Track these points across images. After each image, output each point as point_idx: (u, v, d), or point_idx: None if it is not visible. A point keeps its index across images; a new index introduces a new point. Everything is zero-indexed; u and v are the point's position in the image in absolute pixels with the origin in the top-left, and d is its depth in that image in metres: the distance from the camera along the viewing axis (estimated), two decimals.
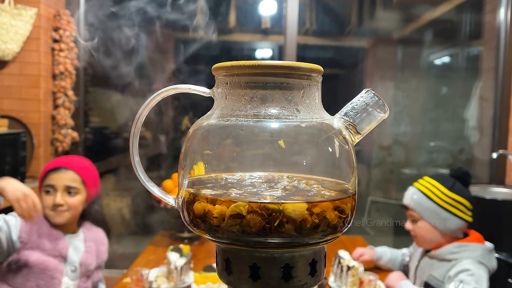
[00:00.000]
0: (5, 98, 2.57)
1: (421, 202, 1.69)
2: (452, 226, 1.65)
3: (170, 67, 3.14)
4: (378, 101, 0.52)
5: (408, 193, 1.76)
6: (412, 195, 1.73)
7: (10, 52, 2.45)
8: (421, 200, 1.69)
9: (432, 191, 1.68)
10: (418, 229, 1.71)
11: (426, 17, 3.64)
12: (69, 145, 2.75)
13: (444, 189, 1.67)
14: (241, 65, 0.49)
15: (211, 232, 0.47)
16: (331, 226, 0.47)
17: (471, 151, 3.40)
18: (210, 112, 0.54)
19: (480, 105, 3.24)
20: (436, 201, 1.66)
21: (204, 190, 0.50)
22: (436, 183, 1.69)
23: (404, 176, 3.63)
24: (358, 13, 3.72)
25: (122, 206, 3.44)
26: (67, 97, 2.72)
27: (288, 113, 0.50)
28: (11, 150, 2.34)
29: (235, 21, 3.28)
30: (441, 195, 1.66)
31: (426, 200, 1.68)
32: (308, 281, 0.48)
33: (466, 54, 3.68)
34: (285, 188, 0.50)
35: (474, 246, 1.62)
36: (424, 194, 1.69)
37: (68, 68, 2.70)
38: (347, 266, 1.73)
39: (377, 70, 3.80)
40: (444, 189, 1.67)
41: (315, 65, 0.51)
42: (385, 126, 3.54)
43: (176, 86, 0.53)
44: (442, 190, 1.67)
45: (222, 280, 0.50)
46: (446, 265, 1.64)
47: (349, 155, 0.51)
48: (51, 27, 2.69)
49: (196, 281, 1.73)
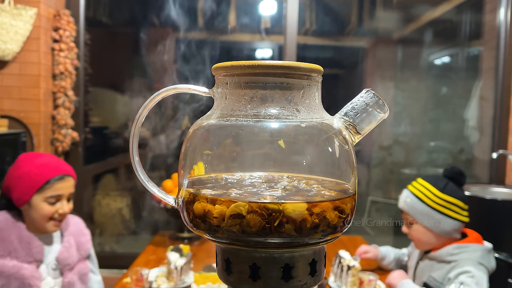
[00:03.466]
0: (5, 98, 2.57)
1: (414, 205, 1.68)
2: (446, 227, 1.65)
3: (170, 67, 3.14)
4: (378, 101, 0.52)
5: (402, 196, 1.76)
6: (405, 198, 1.73)
7: (10, 52, 2.45)
8: (414, 203, 1.68)
9: (424, 193, 1.68)
10: (413, 232, 1.71)
11: (426, 17, 3.64)
12: (69, 145, 2.75)
13: (436, 191, 1.66)
14: (241, 65, 0.49)
15: (211, 232, 0.47)
16: (331, 226, 0.47)
17: (471, 151, 3.40)
18: (210, 112, 0.54)
19: (480, 105, 3.24)
20: (428, 203, 1.66)
21: (204, 190, 0.50)
22: (428, 185, 1.68)
23: (404, 176, 3.63)
24: (358, 13, 3.71)
25: (122, 206, 3.44)
26: (67, 97, 2.72)
27: (288, 113, 0.50)
28: (11, 150, 2.34)
29: (235, 21, 3.28)
30: (433, 197, 1.65)
31: (419, 203, 1.67)
32: (308, 281, 0.48)
33: (466, 54, 3.68)
34: (285, 188, 0.50)
35: (473, 247, 1.62)
36: (417, 197, 1.69)
37: (68, 68, 2.70)
38: (347, 266, 1.73)
39: (377, 70, 3.80)
40: (436, 191, 1.66)
41: (315, 65, 0.51)
42: (385, 126, 3.54)
43: (176, 86, 0.53)
44: (434, 192, 1.66)
45: (222, 280, 0.50)
46: (445, 266, 1.63)
47: (349, 155, 0.51)
48: (51, 27, 2.69)
49: (196, 281, 1.74)
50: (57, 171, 1.61)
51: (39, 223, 1.60)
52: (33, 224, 1.62)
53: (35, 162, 1.60)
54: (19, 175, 1.58)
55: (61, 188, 1.60)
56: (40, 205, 1.58)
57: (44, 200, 1.58)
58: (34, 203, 1.58)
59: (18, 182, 1.57)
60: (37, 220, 1.60)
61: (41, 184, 1.57)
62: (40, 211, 1.58)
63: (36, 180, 1.57)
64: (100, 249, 3.27)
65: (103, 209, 3.36)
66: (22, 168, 1.59)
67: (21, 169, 1.59)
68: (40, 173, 1.58)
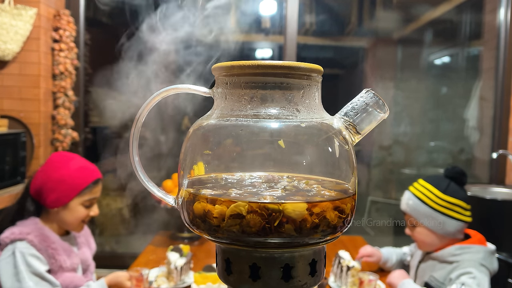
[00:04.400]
0: (5, 98, 2.57)
1: (417, 208, 1.67)
2: (450, 229, 1.64)
3: (170, 66, 3.14)
4: (378, 101, 0.52)
5: (404, 198, 1.75)
6: (407, 200, 1.72)
7: (10, 52, 2.45)
8: (417, 205, 1.68)
9: (427, 195, 1.67)
10: (417, 234, 1.70)
11: (426, 17, 3.64)
12: (69, 145, 2.75)
13: (438, 193, 1.65)
14: (241, 65, 0.49)
15: (211, 232, 0.47)
16: (331, 226, 0.47)
17: (471, 151, 3.40)
18: (210, 112, 0.54)
19: (480, 105, 3.24)
20: (431, 205, 1.65)
21: (204, 190, 0.50)
22: (430, 187, 1.68)
23: (404, 176, 3.63)
24: (358, 13, 3.72)
25: (122, 206, 3.44)
26: (67, 97, 2.72)
27: (288, 113, 0.50)
28: (11, 150, 2.34)
29: (235, 21, 3.28)
30: (436, 198, 1.65)
31: (421, 205, 1.67)
32: (308, 281, 0.48)
33: (466, 54, 3.68)
34: (285, 188, 0.50)
35: (476, 248, 1.61)
36: (419, 199, 1.68)
37: (68, 68, 2.70)
38: (347, 266, 1.73)
39: (377, 70, 3.80)
40: (438, 192, 1.65)
41: (315, 65, 0.51)
42: (385, 126, 3.54)
43: (176, 86, 0.53)
44: (436, 193, 1.65)
45: (222, 280, 0.50)
46: (447, 267, 1.63)
47: (349, 155, 0.51)
48: (51, 27, 2.69)
49: (196, 281, 1.73)
50: (95, 175, 1.64)
51: (71, 225, 1.62)
52: (61, 226, 1.64)
53: (73, 165, 1.61)
54: (59, 177, 1.57)
55: (96, 192, 1.64)
56: (77, 208, 1.60)
57: (81, 203, 1.60)
58: (72, 206, 1.59)
59: (59, 184, 1.57)
60: (70, 222, 1.61)
61: (82, 188, 1.59)
62: (76, 214, 1.60)
63: (78, 183, 1.58)
64: (100, 249, 3.26)
65: (103, 209, 3.36)
66: (61, 170, 1.58)
67: (60, 172, 1.58)
68: (81, 176, 1.59)
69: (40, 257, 1.51)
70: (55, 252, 1.56)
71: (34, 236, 1.52)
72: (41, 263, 1.50)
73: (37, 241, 1.52)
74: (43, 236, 1.54)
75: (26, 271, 1.45)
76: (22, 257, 1.46)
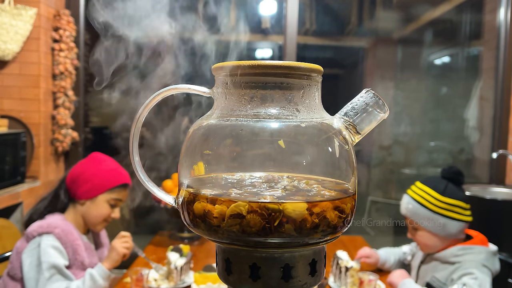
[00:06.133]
0: (5, 98, 2.57)
1: (417, 211, 1.67)
2: (452, 230, 1.64)
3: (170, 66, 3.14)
4: (378, 101, 0.52)
5: (403, 202, 1.74)
6: (407, 204, 1.71)
7: (10, 52, 2.45)
8: (417, 209, 1.67)
9: (426, 198, 1.66)
10: (419, 237, 1.70)
11: (426, 17, 3.64)
12: (69, 145, 2.75)
13: (437, 195, 1.65)
14: (241, 65, 0.49)
15: (211, 232, 0.47)
16: (331, 226, 0.47)
17: (471, 151, 3.40)
18: (210, 112, 0.54)
19: (480, 105, 3.24)
20: (431, 208, 1.64)
21: (204, 190, 0.50)
22: (428, 189, 1.67)
23: (404, 176, 3.63)
24: (358, 13, 3.72)
25: (122, 206, 3.44)
26: (67, 97, 2.72)
27: (288, 113, 0.50)
28: (11, 150, 2.34)
29: (235, 21, 3.28)
30: (435, 201, 1.64)
31: (421, 208, 1.66)
32: (308, 281, 0.48)
33: (466, 54, 3.68)
34: (285, 188, 0.50)
35: (478, 249, 1.61)
36: (418, 202, 1.67)
37: (68, 68, 2.70)
38: (345, 267, 1.72)
39: (377, 70, 3.80)
40: (437, 194, 1.65)
41: (315, 65, 0.51)
42: (385, 126, 3.54)
43: (176, 86, 0.53)
44: (435, 196, 1.65)
45: (222, 280, 0.50)
46: (449, 267, 1.63)
47: (349, 155, 0.51)
48: (51, 27, 2.69)
49: (196, 281, 1.73)
50: (126, 179, 1.73)
51: (94, 220, 1.69)
52: (85, 221, 1.70)
53: (109, 165, 1.72)
54: (94, 172, 1.68)
55: (124, 195, 1.73)
56: (103, 204, 1.68)
57: (107, 200, 1.68)
58: (99, 201, 1.67)
59: (93, 177, 1.67)
60: (93, 217, 1.68)
61: (112, 186, 1.68)
62: (101, 210, 1.67)
63: (110, 181, 1.68)
64: None
65: None
66: (98, 166, 1.70)
67: (97, 167, 1.69)
68: (114, 175, 1.70)
69: (63, 251, 1.56)
70: (79, 248, 1.61)
71: (61, 230, 1.57)
72: (62, 257, 1.55)
73: (64, 235, 1.57)
74: (69, 231, 1.60)
75: (46, 263, 1.49)
76: (46, 250, 1.51)
